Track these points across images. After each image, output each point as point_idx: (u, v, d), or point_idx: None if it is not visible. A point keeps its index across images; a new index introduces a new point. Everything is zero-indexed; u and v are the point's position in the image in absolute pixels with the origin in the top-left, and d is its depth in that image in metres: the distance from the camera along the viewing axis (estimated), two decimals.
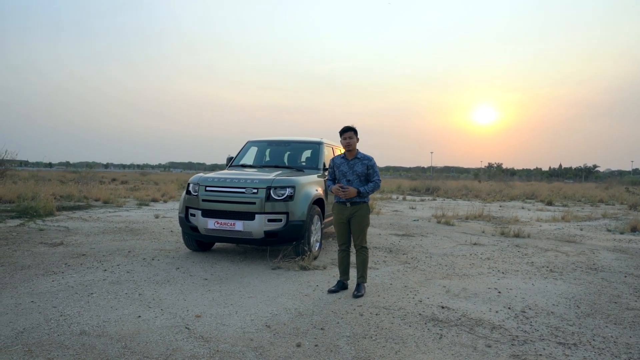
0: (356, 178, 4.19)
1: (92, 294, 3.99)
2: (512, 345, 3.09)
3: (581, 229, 9.77)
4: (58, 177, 24.97)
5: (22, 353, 2.74)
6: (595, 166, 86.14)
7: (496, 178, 44.89)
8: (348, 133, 4.21)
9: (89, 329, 3.15)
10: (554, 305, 4.06)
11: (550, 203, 18.26)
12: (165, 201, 14.89)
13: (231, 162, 6.91)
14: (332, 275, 4.85)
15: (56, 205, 10.40)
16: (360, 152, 4.30)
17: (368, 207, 4.25)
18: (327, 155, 6.78)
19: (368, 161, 4.23)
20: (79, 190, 14.79)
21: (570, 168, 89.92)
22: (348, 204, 4.20)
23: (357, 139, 4.27)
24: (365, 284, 4.30)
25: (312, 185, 5.70)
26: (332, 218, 4.57)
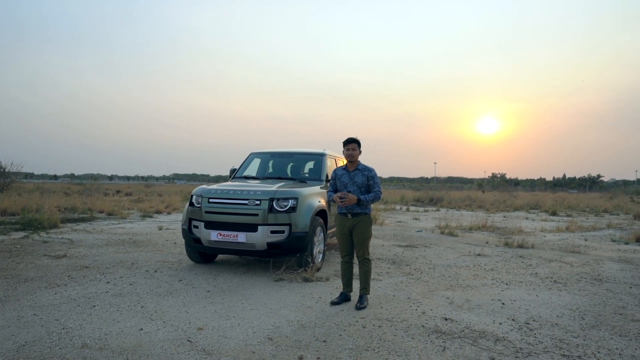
0: (357, 189, 4.20)
1: (94, 306, 4.00)
2: (516, 357, 3.06)
3: (585, 240, 9.70)
4: (63, 189, 25.14)
5: None
6: (599, 176, 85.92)
7: (500, 188, 44.76)
8: (351, 144, 4.24)
9: (91, 342, 3.15)
10: (558, 316, 4.02)
11: (554, 213, 18.16)
12: (169, 213, 14.93)
13: (234, 174, 6.94)
14: (335, 287, 4.84)
15: (60, 218, 10.46)
16: (361, 164, 4.33)
17: (370, 218, 4.25)
18: (330, 167, 6.80)
19: (368, 172, 4.25)
20: (83, 202, 14.87)
21: (574, 178, 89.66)
22: (349, 215, 4.20)
23: (360, 151, 4.30)
24: (368, 296, 4.28)
25: (315, 196, 5.72)
26: (335, 229, 4.57)
